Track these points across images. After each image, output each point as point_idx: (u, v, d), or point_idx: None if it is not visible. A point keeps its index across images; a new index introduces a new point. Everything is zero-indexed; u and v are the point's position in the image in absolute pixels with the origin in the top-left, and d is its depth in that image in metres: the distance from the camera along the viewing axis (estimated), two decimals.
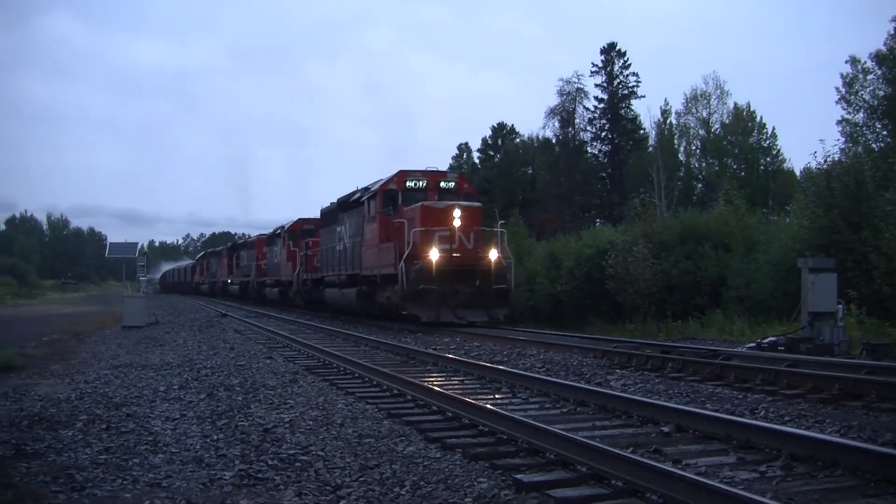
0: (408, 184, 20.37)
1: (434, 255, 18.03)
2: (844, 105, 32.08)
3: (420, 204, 19.16)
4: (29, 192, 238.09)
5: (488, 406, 7.35)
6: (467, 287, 18.28)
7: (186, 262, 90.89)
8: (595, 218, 49.43)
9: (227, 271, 51.14)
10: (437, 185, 20.44)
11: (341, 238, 24.79)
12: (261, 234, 43.43)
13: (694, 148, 49.59)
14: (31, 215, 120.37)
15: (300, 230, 33.15)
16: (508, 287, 18.93)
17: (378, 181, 21.66)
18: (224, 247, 56.52)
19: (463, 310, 18.32)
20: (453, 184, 20.84)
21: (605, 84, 50.44)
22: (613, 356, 11.77)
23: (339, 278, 24.68)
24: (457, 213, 18.42)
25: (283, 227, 35.30)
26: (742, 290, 20.01)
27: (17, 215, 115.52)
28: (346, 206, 24.24)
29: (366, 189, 22.20)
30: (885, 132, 30.35)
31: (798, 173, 38.90)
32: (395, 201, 20.35)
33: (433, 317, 18.12)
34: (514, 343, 14.45)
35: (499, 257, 18.80)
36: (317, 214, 31.03)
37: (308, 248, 29.91)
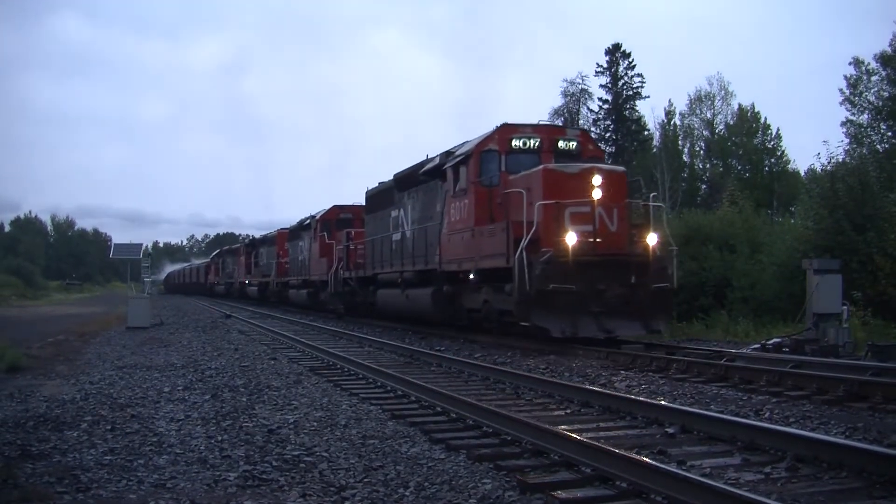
0: (514, 143, 14.90)
1: (571, 239, 12.71)
2: (849, 106, 32.06)
3: (542, 167, 13.69)
4: (33, 192, 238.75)
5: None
6: (616, 286, 12.85)
7: (198, 260, 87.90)
8: None
9: (244, 271, 46.20)
10: (554, 146, 15.05)
11: (399, 224, 19.91)
12: (282, 229, 37.52)
13: (698, 149, 49.58)
14: (36, 216, 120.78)
15: (336, 219, 27.63)
16: (671, 286, 13.45)
17: (463, 144, 16.30)
18: (241, 244, 52.02)
19: (610, 319, 12.83)
20: (575, 143, 15.18)
21: (609, 85, 50.35)
22: (618, 357, 11.75)
23: (401, 276, 19.31)
24: (597, 179, 13.02)
25: (313, 217, 29.42)
26: (747, 291, 19.95)
27: (22, 216, 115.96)
28: (409, 181, 19.12)
29: (447, 154, 16.60)
30: (889, 133, 30.28)
31: (803, 174, 38.93)
32: (497, 167, 14.89)
33: (569, 330, 12.60)
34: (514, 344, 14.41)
35: (657, 244, 13.49)
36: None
37: (350, 240, 24.29)
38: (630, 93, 50.37)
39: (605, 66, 50.29)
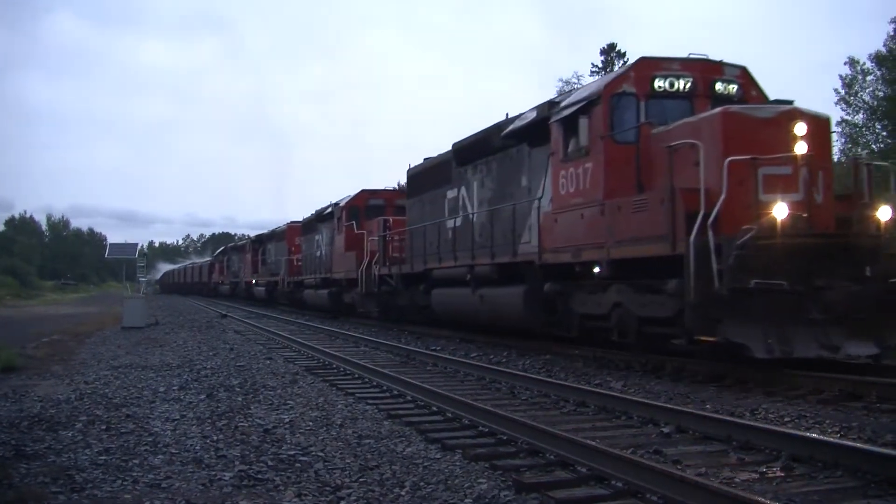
0: (657, 83, 10.95)
1: (780, 212, 8.87)
2: (844, 106, 32.05)
3: (722, 110, 9.65)
4: (26, 192, 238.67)
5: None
6: (841, 282, 8.90)
7: (199, 259, 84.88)
8: None
9: (250, 269, 42.67)
10: (711, 88, 11.06)
11: (460, 207, 16.32)
12: (292, 222, 34.35)
13: None
14: (31, 216, 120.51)
15: (365, 206, 24.18)
16: None
17: (570, 93, 13.23)
18: (247, 240, 47.83)
19: (835, 331, 8.74)
20: (735, 86, 11.16)
21: None
22: (613, 357, 11.75)
23: (470, 272, 15.15)
24: (800, 128, 9.16)
25: (335, 204, 25.57)
26: None
27: (17, 216, 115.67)
28: (477, 150, 15.58)
29: (549, 105, 12.62)
30: (884, 133, 30.36)
31: None
32: (635, 116, 10.97)
33: (779, 347, 8.56)
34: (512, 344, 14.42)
35: (891, 221, 9.49)
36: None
37: (388, 229, 20.70)
38: None
39: (601, 65, 50.40)
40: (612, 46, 50.64)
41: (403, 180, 22.45)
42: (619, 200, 10.49)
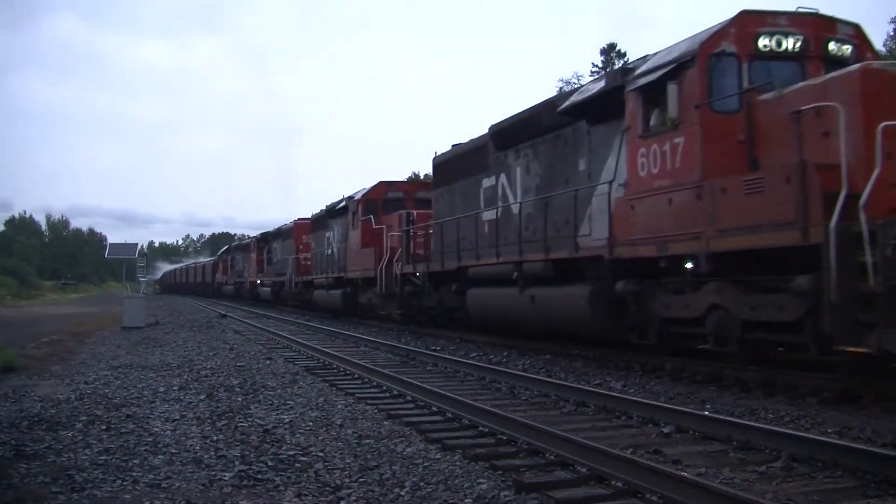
0: (761, 42, 9.26)
1: None
2: None
3: (861, 67, 8.11)
4: (26, 192, 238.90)
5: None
6: None
7: (203, 258, 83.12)
8: None
9: (255, 269, 41.34)
10: (824, 49, 9.41)
11: (499, 196, 14.61)
12: (300, 219, 32.54)
13: None
14: (31, 216, 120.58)
15: (383, 199, 22.44)
16: None
17: (651, 55, 10.60)
18: (252, 239, 45.71)
19: None
20: (849, 47, 9.54)
21: None
22: (613, 357, 11.76)
23: (517, 270, 13.18)
24: None
25: (350, 198, 23.98)
26: None
27: (17, 216, 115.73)
28: (521, 132, 13.78)
29: (623, 72, 10.96)
30: None
31: None
32: (736, 81, 9.28)
33: None
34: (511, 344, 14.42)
35: None
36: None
37: (411, 223, 19.09)
38: None
39: (601, 65, 50.41)
40: (612, 46, 50.72)
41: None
42: (724, 181, 8.68)
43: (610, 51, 50.57)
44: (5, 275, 63.88)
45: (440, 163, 18.01)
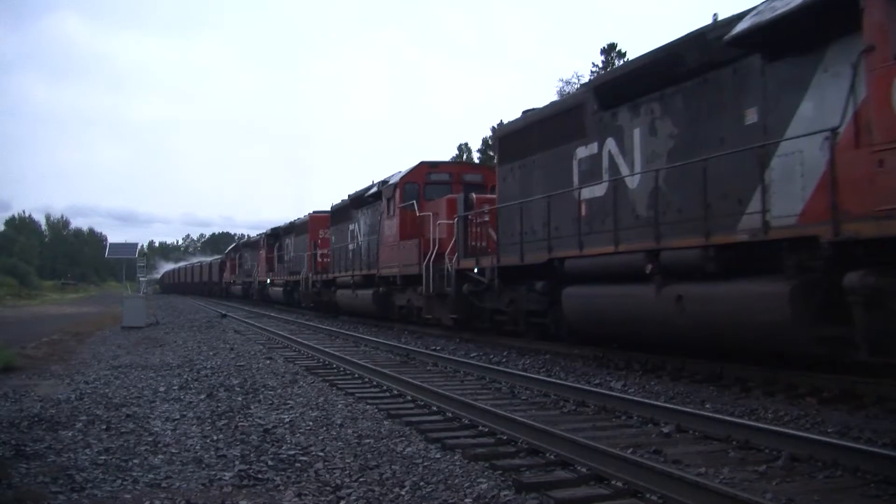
0: None
1: None
2: None
3: None
4: (26, 192, 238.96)
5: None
6: None
7: (207, 258, 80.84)
8: None
9: (265, 267, 38.29)
10: None
11: (606, 167, 11.31)
12: (316, 212, 29.73)
13: None
14: (30, 216, 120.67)
15: (424, 183, 19.26)
16: None
17: None
18: (261, 236, 41.77)
19: None
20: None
21: None
22: (613, 357, 11.76)
23: (652, 259, 9.81)
24: None
25: (384, 183, 20.40)
26: None
27: (17, 216, 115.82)
28: (640, 82, 10.49)
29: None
30: None
31: None
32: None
33: None
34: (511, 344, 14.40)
35: None
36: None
37: (470, 208, 15.71)
38: None
39: (602, 65, 50.39)
40: (612, 46, 50.69)
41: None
42: None
43: (610, 51, 50.53)
44: (5, 275, 63.96)
45: (508, 133, 14.73)
